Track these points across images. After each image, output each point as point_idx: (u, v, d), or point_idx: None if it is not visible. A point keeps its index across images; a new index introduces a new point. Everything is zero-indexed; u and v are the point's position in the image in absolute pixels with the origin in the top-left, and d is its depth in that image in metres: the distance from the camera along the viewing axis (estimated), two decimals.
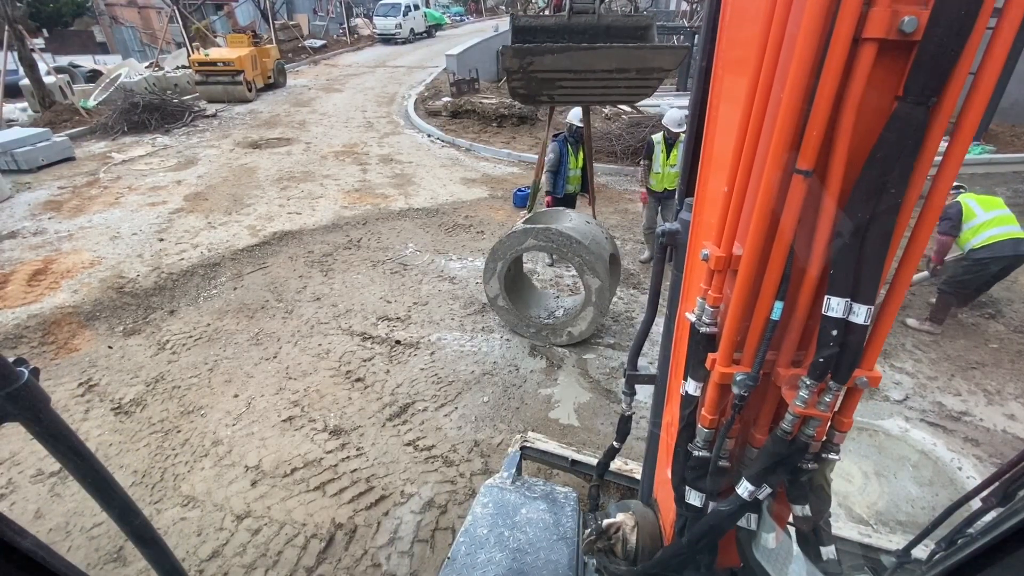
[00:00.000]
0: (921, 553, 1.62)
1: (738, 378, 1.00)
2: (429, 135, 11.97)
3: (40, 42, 21.70)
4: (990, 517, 1.05)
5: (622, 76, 4.67)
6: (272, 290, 5.73)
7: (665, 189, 5.82)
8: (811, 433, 0.99)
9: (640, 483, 1.90)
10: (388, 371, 4.51)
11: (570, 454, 3.11)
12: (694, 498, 1.19)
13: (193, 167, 9.67)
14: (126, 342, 4.88)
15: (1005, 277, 4.75)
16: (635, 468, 2.92)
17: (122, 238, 6.87)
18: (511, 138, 11.40)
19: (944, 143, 0.81)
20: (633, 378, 1.70)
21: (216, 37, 19.39)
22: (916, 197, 0.82)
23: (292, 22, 26.08)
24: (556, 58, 4.41)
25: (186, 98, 13.93)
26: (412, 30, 27.64)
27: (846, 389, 0.96)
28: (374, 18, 28.21)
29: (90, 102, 13.02)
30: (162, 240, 6.82)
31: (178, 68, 16.00)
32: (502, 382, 4.40)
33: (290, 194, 8.43)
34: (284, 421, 3.96)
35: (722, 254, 0.99)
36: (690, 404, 1.15)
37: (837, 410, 1.02)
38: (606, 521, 1.56)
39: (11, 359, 0.73)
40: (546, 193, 5.93)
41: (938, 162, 0.82)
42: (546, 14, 5.20)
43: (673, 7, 22.90)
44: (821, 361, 0.89)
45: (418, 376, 4.45)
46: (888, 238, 0.83)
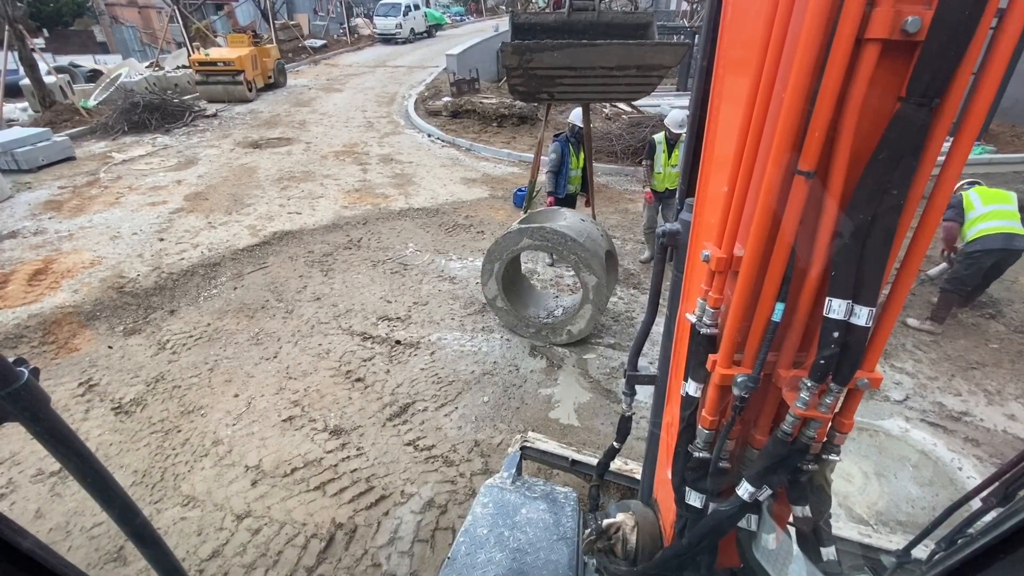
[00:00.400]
0: (921, 553, 1.62)
1: (739, 380, 1.00)
2: (429, 135, 11.97)
3: (40, 42, 21.70)
4: (990, 517, 1.05)
5: (622, 73, 4.67)
6: (272, 290, 5.73)
7: (667, 189, 5.82)
8: (812, 435, 0.99)
9: (640, 483, 1.90)
10: (388, 371, 4.51)
11: (570, 454, 3.11)
12: (694, 499, 1.19)
13: (193, 167, 9.67)
14: (126, 342, 4.88)
15: (1002, 272, 4.76)
16: (635, 468, 2.92)
17: (122, 238, 6.87)
18: (511, 138, 11.40)
19: (946, 143, 0.80)
20: (633, 378, 1.70)
21: (216, 37, 19.39)
22: (918, 198, 0.82)
23: (292, 22, 26.09)
24: (556, 55, 4.40)
25: (186, 98, 13.93)
26: (412, 30, 27.64)
27: (847, 390, 0.96)
28: (374, 18, 28.21)
29: (90, 102, 13.02)
30: (162, 240, 6.82)
31: (178, 68, 16.00)
32: (502, 382, 4.40)
33: (290, 194, 8.43)
34: (284, 421, 3.96)
35: (723, 255, 0.99)
36: (690, 405, 1.15)
37: (838, 411, 1.02)
38: (606, 521, 1.56)
39: (11, 359, 0.73)
40: (548, 193, 5.91)
41: (940, 162, 0.82)
42: (546, 12, 5.19)
43: (673, 7, 22.89)
44: (822, 363, 0.89)
45: (418, 376, 4.45)
46: (890, 240, 0.82)
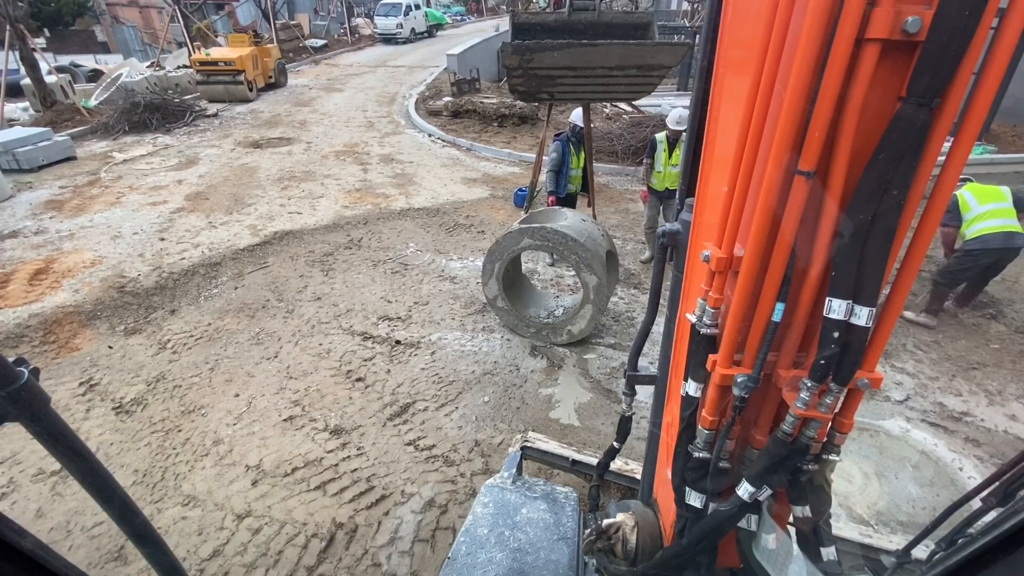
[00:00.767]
0: (921, 553, 1.62)
1: (739, 380, 1.00)
2: (430, 135, 11.97)
3: (41, 42, 21.71)
4: (990, 517, 1.05)
5: (622, 73, 4.66)
6: (273, 290, 5.74)
7: (666, 188, 5.81)
8: (812, 435, 0.99)
9: (640, 483, 1.90)
10: (389, 371, 4.51)
11: (570, 454, 3.11)
12: (694, 499, 1.19)
13: (194, 167, 9.68)
14: (127, 341, 4.88)
15: (1000, 271, 4.78)
16: (636, 468, 2.92)
17: (123, 237, 6.87)
18: (512, 138, 11.40)
19: (946, 143, 0.80)
20: (633, 379, 1.70)
21: (217, 37, 19.41)
22: (919, 199, 0.82)
23: (293, 22, 26.11)
24: (556, 55, 4.40)
25: (187, 98, 13.94)
26: (413, 30, 27.64)
27: (847, 390, 0.96)
28: (375, 18, 28.22)
29: (91, 102, 13.03)
30: (163, 239, 6.83)
31: (179, 68, 16.01)
32: (503, 382, 4.40)
33: (291, 194, 8.43)
34: (285, 420, 3.96)
35: (723, 255, 0.99)
36: (690, 405, 1.15)
37: (838, 411, 1.02)
38: (606, 521, 1.56)
39: (11, 359, 0.73)
40: (548, 193, 5.90)
41: (940, 162, 0.82)
42: (546, 12, 5.18)
43: (674, 7, 22.87)
44: (822, 363, 0.89)
45: (419, 376, 4.45)
46: (890, 240, 0.82)
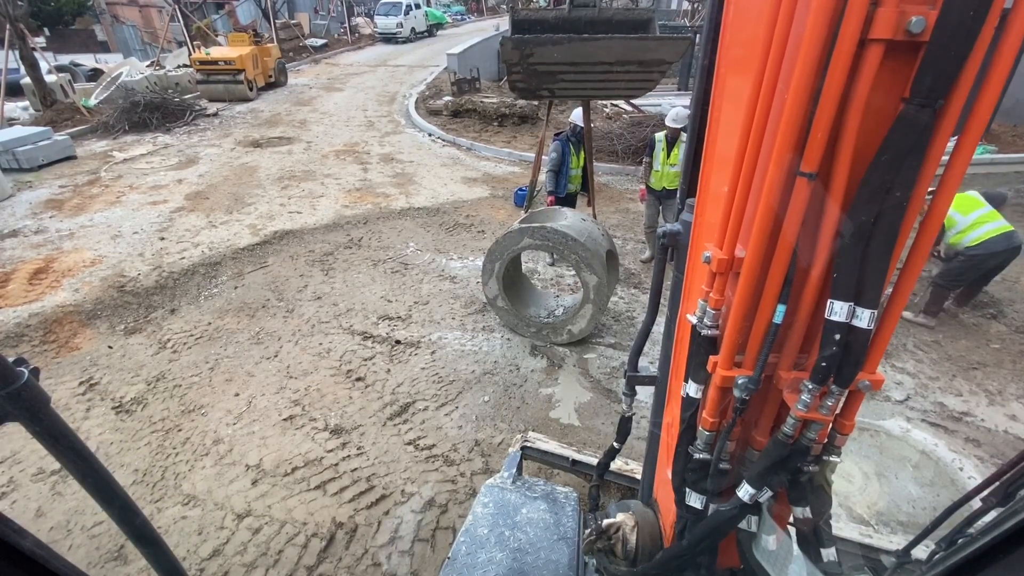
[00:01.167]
0: (921, 553, 1.62)
1: (740, 381, 0.99)
2: (430, 134, 11.96)
3: (41, 41, 21.69)
4: (990, 517, 1.05)
5: (623, 69, 4.63)
6: (273, 289, 5.74)
7: (664, 188, 5.80)
8: (813, 437, 0.99)
9: (640, 483, 1.90)
10: (389, 370, 4.51)
11: (571, 454, 3.11)
12: (695, 500, 1.19)
13: (194, 166, 9.68)
14: (127, 341, 4.88)
15: (1002, 269, 4.79)
16: (636, 468, 2.92)
17: (123, 237, 6.87)
18: (512, 137, 11.39)
19: (949, 144, 0.80)
20: (634, 379, 1.70)
21: (217, 36, 19.40)
22: (921, 200, 0.81)
23: (293, 21, 26.09)
24: (556, 50, 4.37)
25: (187, 97, 13.94)
26: (413, 29, 27.63)
27: (848, 392, 0.95)
28: (375, 17, 28.20)
29: (91, 101, 13.02)
30: (163, 239, 6.82)
31: (179, 67, 16.01)
32: (503, 381, 4.40)
33: (291, 193, 8.43)
34: (285, 420, 3.96)
35: (724, 256, 0.99)
36: (691, 406, 1.15)
37: (839, 413, 1.02)
38: (606, 521, 1.56)
39: (11, 359, 0.73)
40: (548, 193, 5.90)
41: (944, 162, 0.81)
42: (547, 9, 5.15)
43: (674, 6, 22.86)
44: (823, 365, 0.88)
45: (419, 375, 4.45)
46: (892, 242, 0.82)
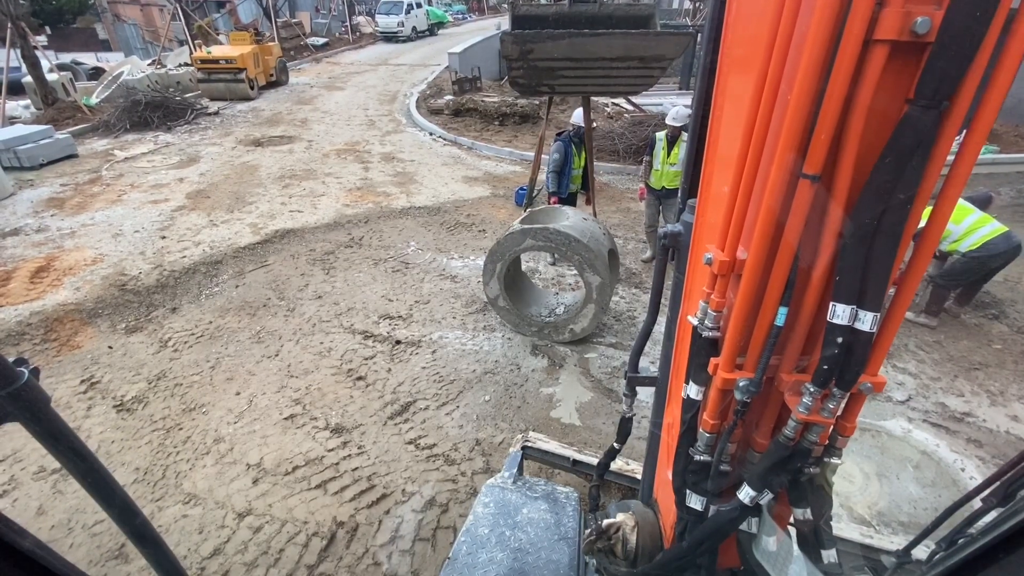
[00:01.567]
0: (921, 553, 1.61)
1: (741, 384, 0.99)
2: (431, 133, 11.96)
3: (43, 39, 21.69)
4: (990, 517, 1.05)
5: (624, 65, 4.59)
6: (274, 288, 5.74)
7: (664, 187, 5.78)
8: (814, 439, 0.98)
9: (640, 483, 1.90)
10: (390, 369, 4.51)
11: (571, 454, 3.11)
12: (695, 501, 1.19)
13: (195, 165, 9.68)
14: (128, 339, 4.88)
15: (1001, 268, 4.80)
16: (637, 468, 2.92)
17: (124, 236, 6.87)
18: (513, 136, 11.38)
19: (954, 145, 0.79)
20: (634, 380, 1.69)
21: (218, 35, 19.39)
22: (925, 203, 0.80)
23: (294, 20, 26.07)
24: (557, 45, 4.33)
25: (188, 96, 13.94)
26: (414, 28, 27.62)
27: (850, 394, 0.95)
28: (376, 16, 28.21)
29: (92, 99, 13.03)
30: (164, 238, 6.83)
31: (180, 66, 16.01)
32: (504, 381, 4.40)
33: (292, 192, 8.43)
34: (286, 419, 3.96)
35: (726, 258, 0.98)
36: (692, 408, 1.14)
37: (840, 415, 1.01)
38: (606, 521, 1.55)
39: (11, 359, 0.73)
40: (550, 194, 5.85)
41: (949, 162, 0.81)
42: (547, 5, 5.09)
43: (676, 5, 22.82)
44: (825, 368, 0.88)
45: (419, 375, 4.45)
46: (896, 244, 0.81)
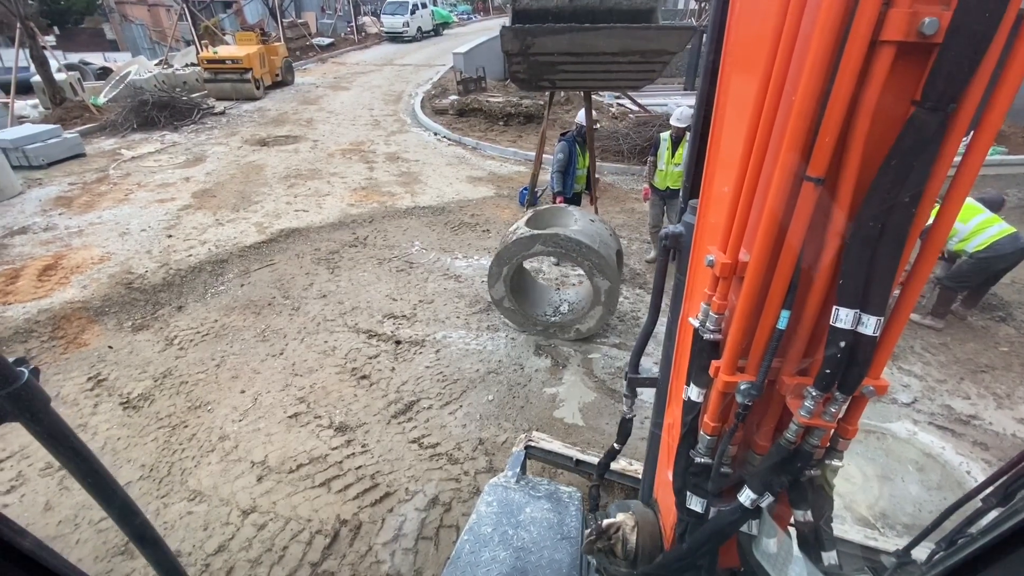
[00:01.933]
0: (921, 553, 1.60)
1: (742, 387, 0.98)
2: (436, 133, 11.97)
3: (51, 39, 21.90)
4: (990, 517, 1.05)
5: (625, 60, 4.55)
6: (279, 287, 5.76)
7: (668, 188, 5.77)
8: (815, 442, 0.98)
9: (641, 483, 1.89)
10: (393, 369, 4.52)
11: (575, 454, 3.10)
12: (695, 503, 1.18)
13: (201, 164, 9.74)
14: (134, 337, 4.92)
15: (1008, 271, 4.77)
16: (640, 469, 2.91)
17: (131, 234, 6.93)
18: (517, 136, 11.38)
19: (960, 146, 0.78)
20: (635, 381, 1.69)
21: (225, 35, 19.48)
22: (931, 206, 0.80)
23: (300, 20, 26.17)
24: (557, 39, 4.31)
25: (195, 95, 14.01)
26: (419, 28, 27.65)
27: (852, 397, 0.95)
28: (381, 16, 28.25)
29: (100, 99, 13.13)
30: (170, 236, 6.87)
31: (187, 66, 16.09)
32: (507, 381, 4.40)
33: (297, 192, 8.46)
34: (290, 417, 3.98)
35: (728, 261, 0.97)
36: (692, 410, 1.14)
37: (842, 417, 1.01)
38: (606, 521, 1.55)
39: (11, 359, 0.73)
40: (555, 194, 5.84)
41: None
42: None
43: (681, 6, 22.74)
44: (828, 372, 0.87)
45: (423, 374, 4.46)
46: (900, 248, 0.80)
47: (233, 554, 3.03)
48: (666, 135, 5.71)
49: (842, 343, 0.85)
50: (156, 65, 16.44)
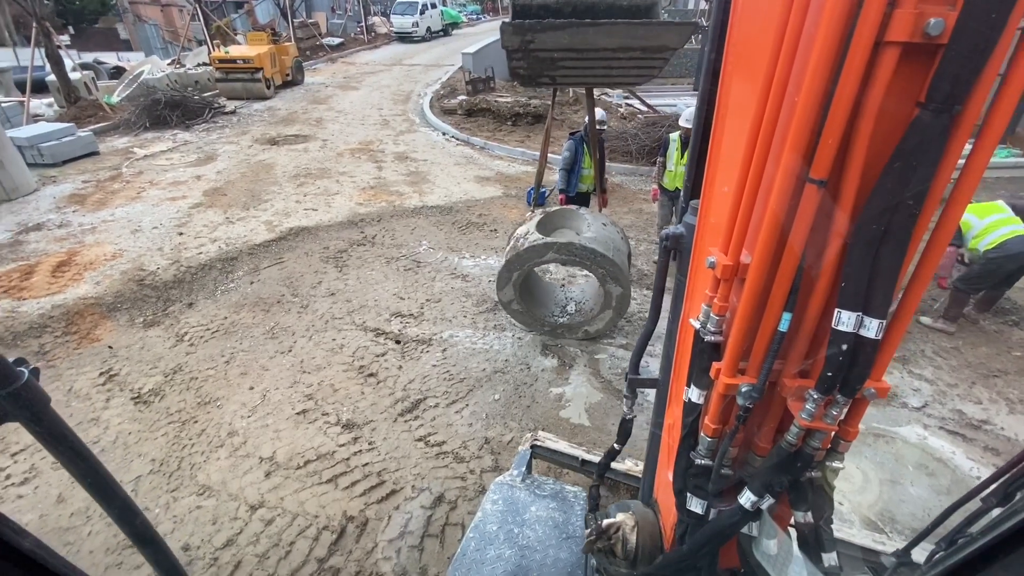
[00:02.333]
0: (921, 553, 1.59)
1: (743, 389, 0.98)
2: (444, 133, 12.00)
3: (66, 39, 22.18)
4: (990, 517, 1.04)
5: (626, 56, 4.50)
6: (288, 285, 5.81)
7: (677, 188, 5.76)
8: (816, 445, 0.97)
9: (641, 483, 1.89)
10: (400, 367, 4.55)
11: (580, 454, 3.11)
12: (695, 505, 1.18)
13: (212, 163, 9.84)
14: (146, 333, 4.99)
15: (1022, 276, 4.68)
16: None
17: (143, 232, 7.02)
18: (526, 136, 11.37)
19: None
20: (635, 382, 1.69)
21: (236, 35, 19.65)
22: (934, 208, 0.79)
23: (311, 20, 26.31)
24: (558, 35, 4.28)
25: (206, 95, 14.15)
26: (429, 28, 27.75)
27: (853, 399, 0.94)
28: (391, 16, 28.39)
29: (114, 98, 13.31)
30: (182, 234, 6.95)
31: (199, 65, 16.25)
32: (513, 380, 4.41)
33: (306, 190, 8.52)
34: (298, 414, 4.02)
35: (729, 262, 0.96)
36: (693, 412, 1.13)
37: (843, 419, 1.00)
38: (606, 521, 1.55)
39: (11, 359, 0.73)
40: (559, 191, 5.88)
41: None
42: None
43: (691, 6, 22.59)
44: (829, 375, 0.87)
45: (430, 372, 4.48)
46: (903, 251, 0.80)
47: (241, 548, 3.06)
48: (675, 135, 5.69)
49: (844, 346, 0.84)
50: (169, 65, 16.63)
